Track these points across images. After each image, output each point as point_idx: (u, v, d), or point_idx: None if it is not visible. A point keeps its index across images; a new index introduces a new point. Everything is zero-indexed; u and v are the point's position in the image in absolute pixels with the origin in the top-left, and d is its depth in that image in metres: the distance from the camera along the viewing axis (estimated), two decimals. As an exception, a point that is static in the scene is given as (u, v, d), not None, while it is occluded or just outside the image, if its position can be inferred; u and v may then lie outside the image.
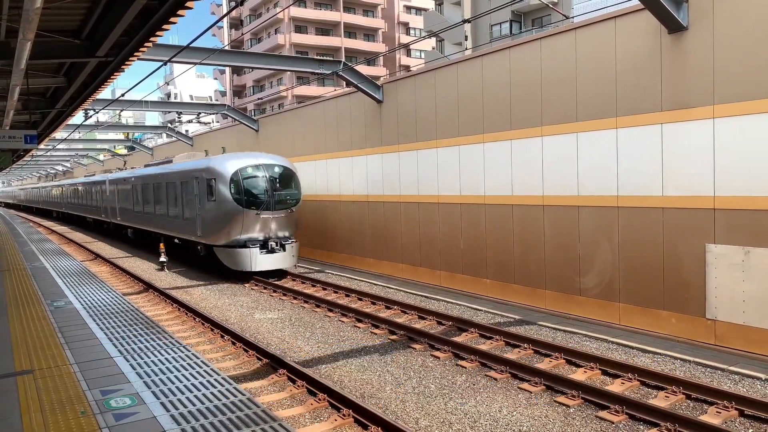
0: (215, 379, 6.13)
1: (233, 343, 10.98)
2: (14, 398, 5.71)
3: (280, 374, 9.09)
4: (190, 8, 7.53)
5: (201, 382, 6.03)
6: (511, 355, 9.76)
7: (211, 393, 5.72)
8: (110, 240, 32.18)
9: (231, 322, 12.78)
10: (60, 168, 69.96)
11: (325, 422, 7.40)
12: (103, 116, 43.32)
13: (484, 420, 7.34)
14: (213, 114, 30.12)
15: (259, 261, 17.14)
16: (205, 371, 6.41)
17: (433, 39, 46.65)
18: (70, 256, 18.40)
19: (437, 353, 9.99)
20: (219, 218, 17.69)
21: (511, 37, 31.36)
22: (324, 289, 16.08)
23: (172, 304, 14.62)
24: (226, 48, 20.76)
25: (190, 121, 28.69)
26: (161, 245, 21.12)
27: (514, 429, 7.08)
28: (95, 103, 20.59)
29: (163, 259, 20.54)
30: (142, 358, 6.92)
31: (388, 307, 13.50)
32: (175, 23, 8.08)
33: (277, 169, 18.03)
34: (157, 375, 6.29)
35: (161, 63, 12.06)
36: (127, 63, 10.32)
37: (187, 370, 6.47)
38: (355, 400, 7.58)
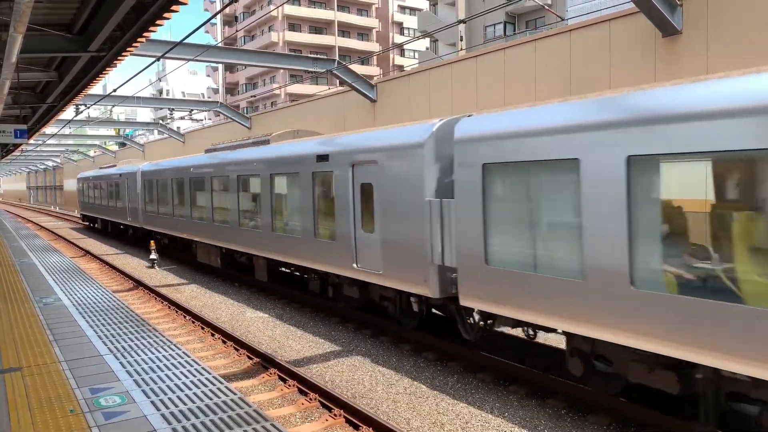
0: (206, 378, 6.08)
1: (224, 342, 10.92)
2: (2, 396, 5.64)
3: (270, 373, 9.05)
4: (185, 3, 7.46)
5: (192, 381, 5.98)
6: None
7: (202, 392, 5.67)
8: (100, 237, 31.95)
9: (222, 321, 12.71)
10: (50, 163, 69.44)
11: (316, 422, 7.37)
12: (94, 112, 43.05)
13: (476, 421, 7.33)
14: (205, 111, 30.01)
15: None
16: (195, 370, 6.36)
17: (427, 39, 46.70)
18: (59, 252, 18.25)
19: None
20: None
21: (505, 38, 31.45)
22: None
23: (162, 302, 14.52)
24: (220, 45, 20.66)
25: (182, 118, 28.55)
26: (152, 243, 20.97)
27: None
28: (86, 98, 20.42)
29: (153, 256, 20.42)
30: (132, 357, 6.85)
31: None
32: (169, 19, 8.01)
33: None
34: (147, 373, 6.23)
35: (154, 59, 11.96)
36: (119, 58, 10.23)
37: (177, 368, 6.41)
38: (346, 400, 7.55)
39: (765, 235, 5.26)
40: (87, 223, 37.72)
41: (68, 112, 22.33)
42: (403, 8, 71.19)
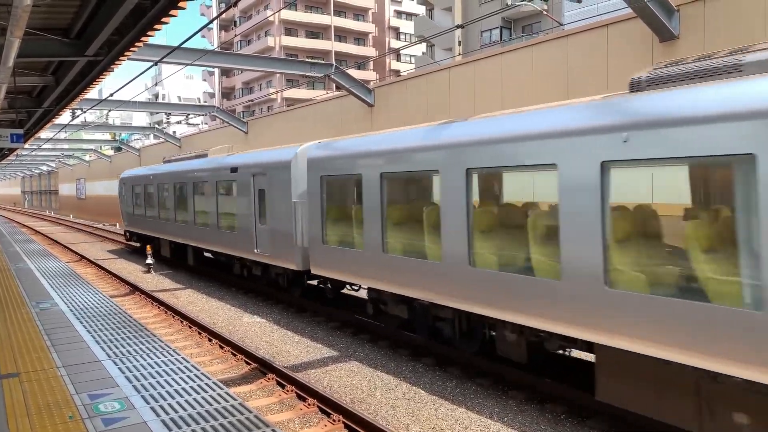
0: (205, 384, 6.05)
1: (221, 347, 10.87)
2: (0, 402, 5.60)
3: (269, 379, 9.01)
4: (183, 8, 7.46)
5: (191, 387, 5.95)
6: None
7: (202, 398, 5.64)
8: (97, 241, 31.82)
9: (219, 326, 12.66)
10: (45, 168, 69.23)
11: (314, 427, 7.34)
12: (90, 116, 42.93)
13: (475, 426, 7.32)
14: (202, 115, 29.97)
15: None
16: (195, 375, 6.32)
17: (423, 44, 46.80)
18: (55, 257, 18.16)
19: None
20: None
21: (501, 43, 31.55)
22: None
23: (159, 307, 14.47)
24: (217, 49, 20.62)
25: (178, 123, 28.53)
26: (148, 247, 20.90)
27: None
28: (83, 102, 20.36)
29: (149, 261, 20.34)
30: (131, 362, 6.81)
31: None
32: (167, 23, 8.00)
33: None
34: (146, 379, 6.19)
35: (152, 63, 11.95)
36: (116, 63, 10.21)
37: (176, 374, 6.38)
38: (344, 405, 7.52)
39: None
40: (137, 245, 24.93)
41: (64, 117, 22.28)
42: (399, 13, 71.38)
